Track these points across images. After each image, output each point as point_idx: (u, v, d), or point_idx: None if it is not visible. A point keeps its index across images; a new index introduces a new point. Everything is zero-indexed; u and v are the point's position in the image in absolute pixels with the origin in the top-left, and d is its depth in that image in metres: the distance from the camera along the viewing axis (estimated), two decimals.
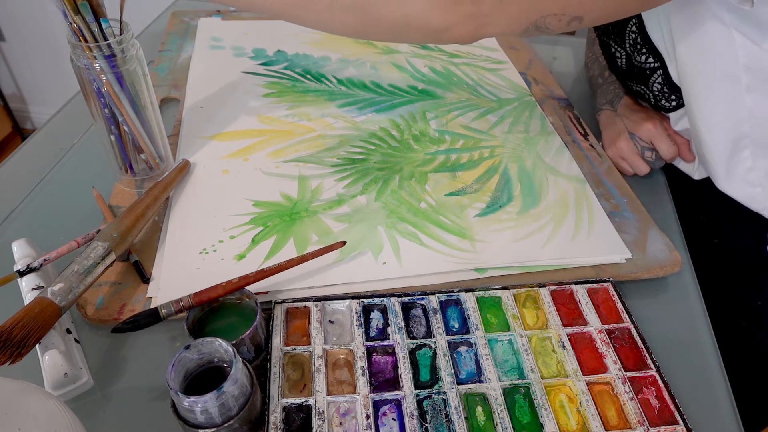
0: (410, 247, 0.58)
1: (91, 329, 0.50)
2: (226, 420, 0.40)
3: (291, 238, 0.58)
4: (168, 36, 0.92)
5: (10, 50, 1.89)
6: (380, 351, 0.48)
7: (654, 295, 0.56)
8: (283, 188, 0.64)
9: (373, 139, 0.72)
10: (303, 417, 0.44)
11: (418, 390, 0.46)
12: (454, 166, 0.68)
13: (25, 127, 2.11)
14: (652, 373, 0.48)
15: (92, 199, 0.62)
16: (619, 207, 0.64)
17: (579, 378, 0.47)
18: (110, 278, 0.53)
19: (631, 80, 0.69)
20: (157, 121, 0.62)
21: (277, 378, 0.45)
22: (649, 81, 0.64)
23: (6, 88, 2.00)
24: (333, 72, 0.84)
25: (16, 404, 0.34)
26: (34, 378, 0.40)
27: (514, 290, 0.54)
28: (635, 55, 0.65)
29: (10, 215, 0.61)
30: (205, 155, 0.68)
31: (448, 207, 0.63)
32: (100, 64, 0.54)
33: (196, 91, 0.79)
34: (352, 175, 0.66)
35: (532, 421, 0.45)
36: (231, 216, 0.60)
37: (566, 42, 1.03)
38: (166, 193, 0.60)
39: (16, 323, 0.42)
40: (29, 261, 0.50)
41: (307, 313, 0.51)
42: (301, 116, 0.75)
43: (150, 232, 0.58)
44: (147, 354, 0.49)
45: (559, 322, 0.51)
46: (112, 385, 0.47)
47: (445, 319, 0.51)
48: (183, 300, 0.46)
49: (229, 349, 0.41)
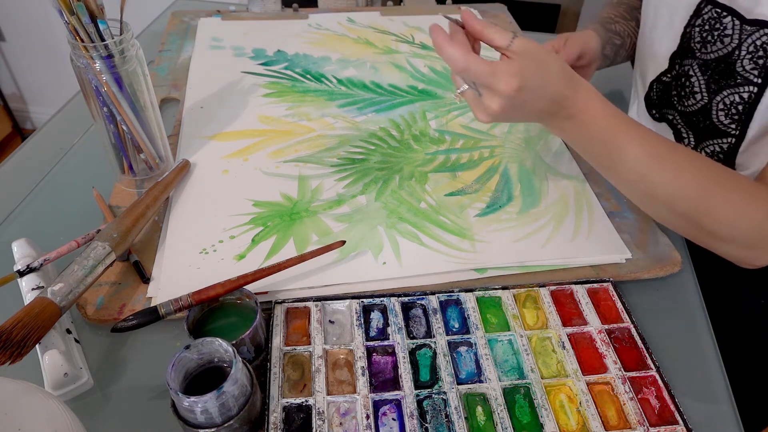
0: (410, 247, 0.57)
1: (91, 329, 0.50)
2: (226, 420, 0.40)
3: (291, 238, 0.58)
4: (168, 36, 0.92)
5: (10, 50, 1.89)
6: (380, 351, 0.48)
7: (654, 295, 0.56)
8: (283, 188, 0.64)
9: (373, 139, 0.72)
10: (303, 417, 0.44)
11: (418, 390, 0.46)
12: (454, 166, 0.68)
13: (25, 127, 2.11)
14: (652, 373, 0.48)
15: (92, 199, 0.62)
16: (620, 207, 0.64)
17: (579, 378, 0.47)
18: (110, 278, 0.53)
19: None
20: (157, 121, 0.62)
21: (277, 378, 0.45)
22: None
23: (6, 88, 2.00)
24: (333, 72, 0.84)
25: (16, 404, 0.34)
26: (34, 378, 0.40)
27: (514, 290, 0.54)
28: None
29: (10, 215, 0.61)
30: (205, 155, 0.68)
31: (448, 207, 0.63)
32: (99, 64, 0.54)
33: (196, 91, 0.79)
34: (352, 175, 0.66)
35: (532, 421, 0.45)
36: (231, 216, 0.60)
37: None
38: (166, 193, 0.60)
39: (16, 323, 0.42)
40: (29, 261, 0.50)
41: (307, 313, 0.51)
42: (301, 116, 0.75)
43: (150, 232, 0.58)
44: (147, 354, 0.49)
45: (559, 322, 0.51)
46: (112, 385, 0.47)
47: (445, 319, 0.51)
48: (182, 299, 0.46)
49: (229, 349, 0.41)
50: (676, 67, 0.62)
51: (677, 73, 0.62)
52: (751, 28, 0.53)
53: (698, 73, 0.59)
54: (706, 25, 0.57)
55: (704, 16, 0.57)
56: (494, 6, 1.05)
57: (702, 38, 0.57)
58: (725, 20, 0.55)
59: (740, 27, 0.53)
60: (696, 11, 0.58)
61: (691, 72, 0.60)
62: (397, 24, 0.98)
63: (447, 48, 0.45)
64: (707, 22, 0.57)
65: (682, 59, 0.61)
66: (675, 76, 0.62)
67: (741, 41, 0.54)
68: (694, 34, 0.58)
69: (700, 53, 0.58)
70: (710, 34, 0.56)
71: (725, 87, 0.56)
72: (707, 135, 0.60)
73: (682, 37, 0.60)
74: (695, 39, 0.58)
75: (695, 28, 0.58)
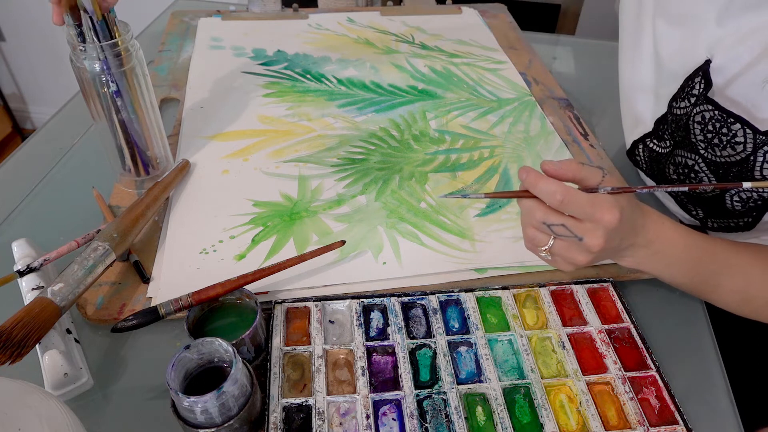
0: (410, 247, 0.57)
1: (91, 329, 0.50)
2: (226, 420, 0.40)
3: (291, 238, 0.58)
4: (168, 36, 0.92)
5: (10, 50, 1.89)
6: (380, 351, 0.48)
7: (654, 295, 0.56)
8: (283, 188, 0.64)
9: (373, 139, 0.72)
10: (303, 417, 0.44)
11: (418, 390, 0.46)
12: (454, 166, 0.68)
13: (25, 127, 2.11)
14: (652, 373, 0.48)
15: (92, 199, 0.62)
16: None
17: (579, 378, 0.47)
18: (110, 278, 0.53)
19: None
20: (157, 121, 0.62)
21: (277, 378, 0.45)
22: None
23: (6, 88, 2.00)
24: (333, 72, 0.84)
25: (16, 404, 0.34)
26: (34, 378, 0.40)
27: (514, 290, 0.54)
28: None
29: (10, 215, 0.61)
30: (205, 155, 0.68)
31: (448, 207, 0.63)
32: (99, 64, 0.54)
33: (196, 91, 0.79)
34: (352, 175, 0.66)
35: (532, 421, 0.45)
36: (231, 216, 0.60)
37: (566, 42, 1.04)
38: (166, 193, 0.60)
39: (16, 323, 0.42)
40: (29, 261, 0.50)
41: (307, 313, 0.51)
42: (301, 116, 0.75)
43: (150, 232, 0.58)
44: (147, 354, 0.49)
45: (559, 322, 0.51)
46: (112, 385, 0.47)
47: (445, 319, 0.51)
48: (182, 299, 0.46)
49: (229, 349, 0.41)
50: (671, 146, 0.59)
51: (676, 160, 0.58)
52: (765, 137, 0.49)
53: (705, 170, 0.56)
54: (708, 125, 0.53)
55: (704, 114, 0.53)
56: (494, 6, 1.05)
57: (707, 139, 0.54)
58: (734, 127, 0.51)
59: (753, 137, 0.50)
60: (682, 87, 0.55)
61: (697, 167, 0.56)
62: (397, 24, 0.98)
63: (541, 181, 0.43)
64: (709, 122, 0.53)
65: (682, 149, 0.57)
66: (674, 162, 0.59)
67: (756, 149, 0.50)
68: (695, 128, 0.54)
69: (707, 152, 0.54)
70: (716, 136, 0.53)
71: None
72: (719, 214, 0.58)
73: (670, 107, 0.58)
74: (695, 134, 0.54)
75: (695, 123, 0.54)
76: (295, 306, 0.51)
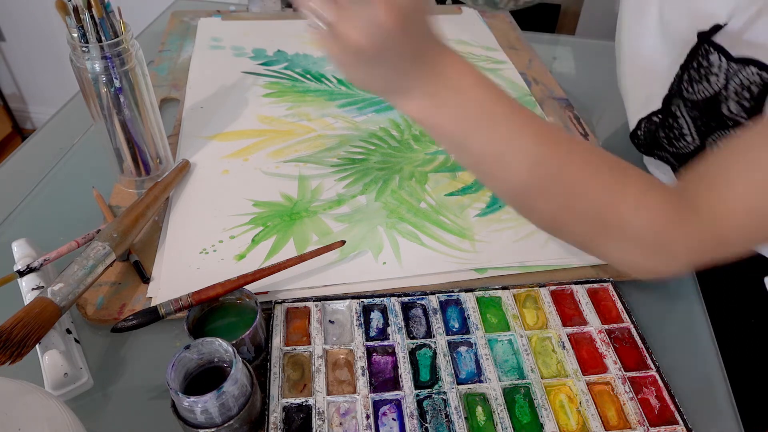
0: (410, 247, 0.57)
1: (91, 329, 0.50)
2: (226, 420, 0.40)
3: (291, 238, 0.58)
4: (168, 36, 0.92)
5: (10, 50, 1.89)
6: (380, 351, 0.48)
7: (654, 295, 0.56)
8: (283, 188, 0.64)
9: (373, 139, 0.72)
10: (303, 417, 0.44)
11: (418, 390, 0.46)
12: (454, 166, 0.68)
13: (25, 127, 2.11)
14: (652, 373, 0.48)
15: (92, 199, 0.62)
16: None
17: (579, 378, 0.47)
18: (110, 278, 0.53)
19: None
20: (157, 121, 0.62)
21: (277, 378, 0.45)
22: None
23: (6, 88, 2.00)
24: (333, 72, 0.84)
25: (16, 404, 0.34)
26: (34, 378, 0.40)
27: (514, 290, 0.54)
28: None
29: (10, 215, 0.61)
30: (205, 155, 0.68)
31: (448, 207, 0.63)
32: (100, 64, 0.54)
33: (196, 91, 0.79)
34: (352, 175, 0.66)
35: (532, 421, 0.45)
36: (231, 216, 0.60)
37: (566, 42, 1.04)
38: (166, 193, 0.60)
39: (16, 323, 0.42)
40: (29, 261, 0.50)
41: (307, 313, 0.51)
42: (301, 116, 0.75)
43: (150, 232, 0.58)
44: (147, 354, 0.49)
45: (559, 322, 0.51)
46: (112, 385, 0.47)
47: (445, 319, 0.51)
48: (182, 299, 0.46)
49: (229, 349, 0.41)
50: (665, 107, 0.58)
51: (665, 114, 0.58)
52: (737, 66, 0.47)
53: (685, 114, 0.54)
54: (693, 62, 0.52)
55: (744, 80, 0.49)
56: None
57: (689, 77, 0.52)
58: (712, 57, 0.49)
59: (727, 65, 0.48)
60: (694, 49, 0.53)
61: (678, 113, 0.55)
62: None
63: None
64: (695, 58, 0.52)
65: (670, 98, 0.57)
66: (663, 116, 0.58)
67: (728, 81, 0.49)
68: (729, 103, 0.51)
69: (688, 93, 0.53)
70: (697, 72, 0.51)
71: (716, 129, 0.52)
72: None
73: (676, 77, 0.55)
74: (684, 78, 0.54)
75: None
76: (295, 306, 0.51)
